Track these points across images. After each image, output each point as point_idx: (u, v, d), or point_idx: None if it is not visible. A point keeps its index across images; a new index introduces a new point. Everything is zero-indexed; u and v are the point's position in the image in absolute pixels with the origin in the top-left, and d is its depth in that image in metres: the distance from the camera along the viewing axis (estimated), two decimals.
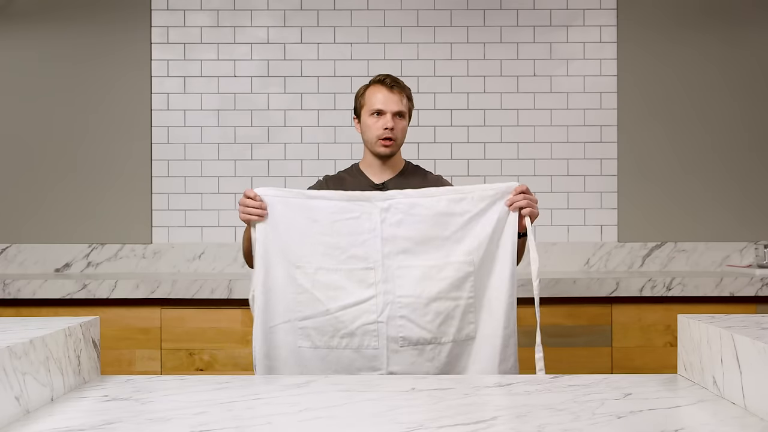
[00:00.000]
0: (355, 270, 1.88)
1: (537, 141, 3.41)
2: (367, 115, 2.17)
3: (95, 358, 1.47)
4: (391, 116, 2.15)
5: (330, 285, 1.88)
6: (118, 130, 3.39)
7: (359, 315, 1.87)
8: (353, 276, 1.88)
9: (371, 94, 2.18)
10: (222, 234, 3.38)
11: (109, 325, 2.79)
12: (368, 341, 1.86)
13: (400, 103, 2.16)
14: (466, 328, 1.89)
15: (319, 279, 1.88)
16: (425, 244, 1.89)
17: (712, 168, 3.43)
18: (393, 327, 1.86)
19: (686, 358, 1.41)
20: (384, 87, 2.17)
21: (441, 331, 1.87)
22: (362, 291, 1.87)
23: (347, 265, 1.88)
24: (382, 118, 2.15)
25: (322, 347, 1.88)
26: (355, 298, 1.87)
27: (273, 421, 1.13)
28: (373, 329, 1.86)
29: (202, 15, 3.41)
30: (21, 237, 3.37)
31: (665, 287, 2.85)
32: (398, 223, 1.89)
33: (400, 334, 1.87)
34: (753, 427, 1.10)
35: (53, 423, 1.13)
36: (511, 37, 3.42)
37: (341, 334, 1.87)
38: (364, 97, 2.20)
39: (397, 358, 1.87)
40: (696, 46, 3.43)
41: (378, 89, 2.18)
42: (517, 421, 1.13)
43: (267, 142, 3.40)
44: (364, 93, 2.21)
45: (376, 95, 2.17)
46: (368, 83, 2.24)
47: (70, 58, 3.39)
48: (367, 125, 2.18)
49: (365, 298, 1.87)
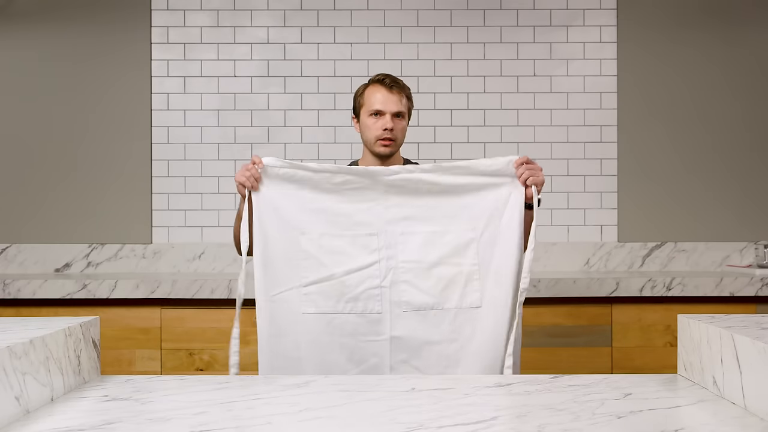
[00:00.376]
0: (359, 236, 1.91)
1: (537, 141, 3.41)
2: (366, 116, 2.17)
3: (95, 358, 1.47)
4: (390, 117, 2.14)
5: (335, 250, 1.90)
6: (118, 130, 3.39)
7: (363, 280, 1.89)
8: (357, 241, 1.91)
9: (370, 94, 2.18)
10: (222, 234, 3.38)
11: (109, 325, 2.79)
12: (372, 305, 1.89)
13: (399, 103, 2.15)
14: (470, 296, 1.90)
15: (324, 244, 1.90)
16: (428, 211, 1.93)
17: (713, 168, 3.43)
18: (396, 292, 1.90)
19: (686, 358, 1.41)
20: (383, 87, 2.16)
21: (444, 296, 1.90)
22: (366, 256, 1.90)
23: (351, 231, 1.91)
24: (381, 119, 2.15)
25: (328, 312, 1.89)
26: (359, 263, 1.89)
27: (273, 421, 1.13)
28: (376, 294, 1.89)
29: (202, 15, 3.41)
30: (21, 237, 3.37)
31: (665, 287, 2.85)
32: (401, 192, 1.92)
33: (403, 298, 1.89)
34: (753, 427, 1.10)
35: (53, 423, 1.13)
36: (511, 37, 3.42)
37: (346, 298, 1.89)
38: (363, 97, 2.20)
39: (400, 322, 1.89)
40: (696, 46, 3.43)
41: (377, 89, 2.17)
42: (517, 421, 1.13)
43: (267, 142, 3.40)
44: (363, 93, 2.21)
45: (375, 95, 2.17)
46: (367, 83, 2.23)
47: (70, 58, 3.39)
48: (366, 125, 2.18)
49: (369, 263, 1.90)
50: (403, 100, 2.18)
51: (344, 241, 1.91)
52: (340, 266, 1.90)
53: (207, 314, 2.84)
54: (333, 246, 1.91)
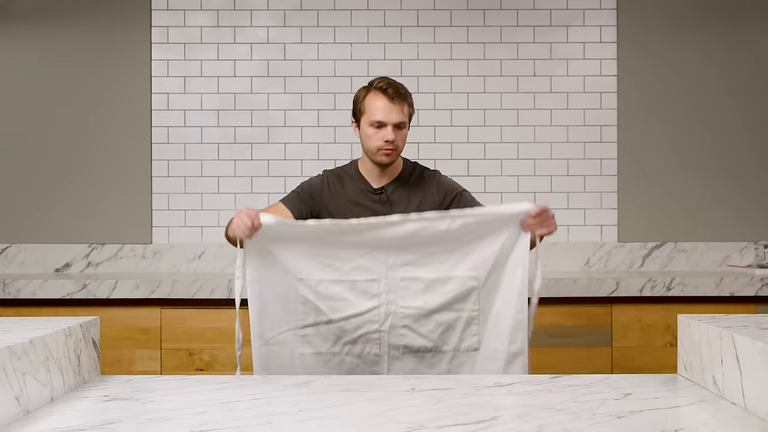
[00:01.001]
0: (359, 281, 1.88)
1: (537, 141, 3.41)
2: (367, 125, 2.10)
3: (95, 358, 1.47)
4: (392, 128, 2.07)
5: (333, 296, 1.88)
6: (118, 130, 3.39)
7: (362, 324, 1.88)
8: (356, 287, 1.88)
9: (371, 102, 2.08)
10: (222, 234, 3.37)
11: (109, 325, 2.79)
12: (370, 348, 1.88)
13: (401, 113, 2.08)
14: (468, 339, 1.89)
15: (322, 291, 1.88)
16: (430, 257, 1.89)
17: (712, 168, 3.43)
18: (395, 336, 1.88)
19: (686, 358, 1.41)
20: (385, 97, 2.07)
21: (442, 339, 1.89)
22: (365, 302, 1.88)
23: (350, 276, 1.88)
24: (382, 130, 2.07)
25: (325, 353, 1.89)
26: (358, 308, 1.88)
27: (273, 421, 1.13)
28: (375, 337, 1.88)
29: (202, 15, 3.41)
30: (21, 237, 3.37)
31: (665, 287, 2.85)
32: (404, 237, 1.87)
33: (401, 342, 1.89)
34: (753, 427, 1.10)
35: (53, 423, 1.13)
36: (511, 37, 3.42)
37: (343, 341, 1.89)
38: (364, 104, 2.10)
39: (398, 364, 1.90)
40: (696, 46, 3.43)
41: (378, 98, 2.08)
42: (517, 421, 1.13)
43: (267, 142, 3.40)
44: (364, 99, 2.11)
45: (376, 104, 2.07)
46: (368, 86, 2.13)
47: (70, 58, 3.39)
48: (366, 135, 2.10)
49: (368, 308, 1.88)
50: (405, 108, 2.10)
51: (343, 287, 1.88)
52: (338, 312, 1.88)
53: (207, 314, 2.84)
54: (331, 292, 1.88)
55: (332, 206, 2.15)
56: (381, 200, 2.14)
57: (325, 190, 2.17)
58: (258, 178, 3.39)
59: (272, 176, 3.38)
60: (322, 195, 2.16)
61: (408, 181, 2.18)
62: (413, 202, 2.14)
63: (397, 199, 2.14)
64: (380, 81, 2.11)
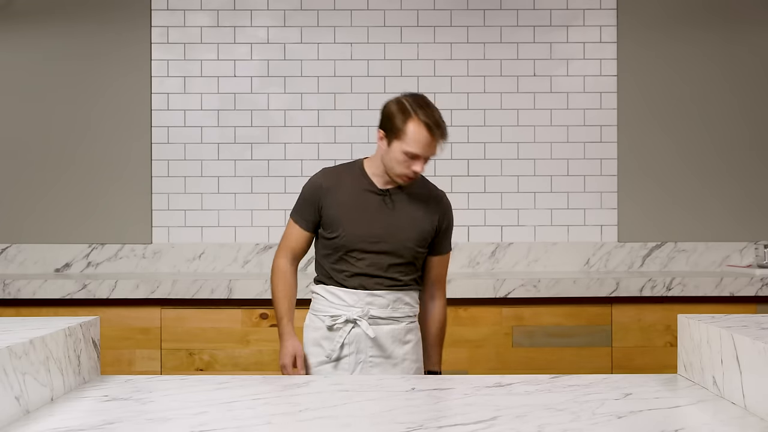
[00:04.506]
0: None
1: (537, 141, 3.41)
2: (400, 151, 2.03)
3: (95, 358, 1.47)
4: (422, 162, 2.05)
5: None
6: (118, 130, 3.39)
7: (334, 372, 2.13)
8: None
9: (414, 132, 2.01)
10: (222, 234, 3.38)
11: (109, 325, 2.79)
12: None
13: (436, 148, 2.06)
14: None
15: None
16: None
17: (712, 168, 3.42)
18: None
19: (686, 358, 1.41)
20: (430, 134, 2.01)
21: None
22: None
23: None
24: (415, 162, 2.03)
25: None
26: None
27: (273, 421, 1.13)
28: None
29: (202, 15, 3.41)
30: (21, 237, 3.37)
31: (665, 287, 2.85)
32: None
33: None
34: (753, 427, 1.10)
35: (53, 423, 1.13)
36: (511, 37, 3.42)
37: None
38: (405, 130, 2.02)
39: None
40: (696, 46, 3.43)
41: (423, 132, 2.01)
42: (517, 421, 1.13)
43: (267, 142, 3.40)
44: (405, 124, 2.02)
45: (418, 137, 2.01)
46: (412, 112, 2.03)
47: (70, 58, 3.39)
48: (395, 158, 2.05)
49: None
50: (441, 144, 2.07)
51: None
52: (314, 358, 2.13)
53: (207, 314, 2.84)
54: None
55: (330, 202, 2.13)
56: (384, 201, 2.12)
57: (324, 188, 2.15)
58: (258, 178, 3.39)
59: (272, 176, 3.38)
60: (321, 195, 2.14)
61: (414, 191, 2.16)
62: (416, 213, 2.13)
63: (401, 204, 2.13)
64: (426, 114, 2.03)
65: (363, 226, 2.09)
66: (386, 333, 2.10)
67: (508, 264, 3.37)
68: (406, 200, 2.14)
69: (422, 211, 2.14)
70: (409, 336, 2.14)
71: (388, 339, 2.10)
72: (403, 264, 2.11)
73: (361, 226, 2.09)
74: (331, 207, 2.12)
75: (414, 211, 2.13)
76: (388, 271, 2.09)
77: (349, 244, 2.08)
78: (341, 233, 2.09)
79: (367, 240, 2.08)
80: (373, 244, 2.08)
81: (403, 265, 2.11)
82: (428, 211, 2.15)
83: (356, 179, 2.16)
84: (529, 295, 2.87)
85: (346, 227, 2.09)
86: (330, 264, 2.13)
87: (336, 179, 2.16)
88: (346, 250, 2.09)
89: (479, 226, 3.38)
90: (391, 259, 2.09)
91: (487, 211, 3.38)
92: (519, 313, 2.88)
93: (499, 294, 2.87)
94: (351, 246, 2.09)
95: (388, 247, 2.09)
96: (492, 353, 2.86)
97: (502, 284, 2.87)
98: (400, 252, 2.10)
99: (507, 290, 2.87)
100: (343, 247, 2.09)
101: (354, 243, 2.08)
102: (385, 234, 2.09)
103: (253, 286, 2.85)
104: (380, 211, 2.11)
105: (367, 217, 2.10)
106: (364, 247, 2.08)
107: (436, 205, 2.17)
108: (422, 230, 2.12)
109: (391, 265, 2.10)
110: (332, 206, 2.12)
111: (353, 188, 2.14)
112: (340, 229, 2.09)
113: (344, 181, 2.16)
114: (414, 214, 2.13)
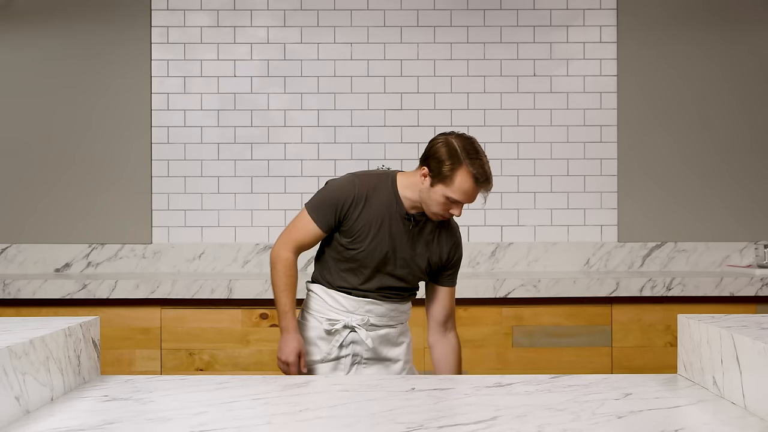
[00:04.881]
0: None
1: (537, 141, 3.41)
2: (443, 194, 2.00)
3: (95, 358, 1.47)
4: (461, 208, 2.04)
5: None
6: (118, 130, 3.39)
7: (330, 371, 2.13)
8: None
9: (461, 183, 1.98)
10: (222, 234, 3.38)
11: (109, 325, 2.79)
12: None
13: (476, 198, 2.04)
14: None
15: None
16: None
17: (713, 168, 3.42)
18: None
19: (686, 358, 1.41)
20: (476, 186, 1.99)
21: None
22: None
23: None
24: (455, 207, 2.02)
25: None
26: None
27: (273, 421, 1.13)
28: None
29: (202, 15, 3.41)
30: (21, 237, 3.37)
31: (665, 287, 2.85)
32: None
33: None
34: (753, 427, 1.10)
35: (53, 423, 1.13)
36: (511, 37, 3.42)
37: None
38: (453, 176, 1.97)
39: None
40: (696, 46, 3.43)
41: (470, 184, 1.98)
42: (517, 421, 1.13)
43: (267, 142, 3.40)
44: (456, 170, 1.97)
45: (465, 187, 1.98)
46: (463, 156, 1.98)
47: (71, 58, 3.39)
48: (436, 200, 2.01)
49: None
50: (485, 194, 2.06)
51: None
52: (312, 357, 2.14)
53: (207, 314, 2.84)
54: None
55: (358, 214, 2.06)
56: (409, 227, 2.09)
57: (355, 202, 2.07)
58: (258, 178, 3.39)
59: (272, 176, 3.38)
60: (350, 202, 2.06)
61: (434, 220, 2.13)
62: (432, 242, 2.13)
63: (423, 233, 2.12)
64: (476, 166, 1.99)
65: (384, 248, 2.07)
66: (381, 336, 2.13)
67: (508, 264, 3.37)
68: (426, 228, 2.13)
69: (437, 242, 2.14)
70: (401, 338, 2.18)
71: (383, 342, 2.14)
72: (408, 288, 2.16)
73: (382, 247, 2.06)
74: (359, 219, 2.06)
75: (430, 241, 2.12)
76: (393, 288, 2.13)
77: (366, 261, 2.07)
78: (362, 249, 2.06)
79: (383, 261, 2.08)
80: (388, 266, 2.09)
81: (407, 288, 2.16)
82: (442, 242, 2.14)
83: (388, 196, 2.09)
84: (529, 295, 2.87)
85: (368, 245, 2.06)
86: (339, 270, 2.11)
87: (369, 190, 2.08)
88: (361, 264, 2.08)
89: (479, 226, 3.38)
90: (399, 282, 2.12)
91: (487, 211, 3.38)
92: (519, 313, 2.88)
93: (499, 294, 2.87)
94: (367, 263, 2.08)
95: (401, 272, 2.10)
96: (492, 353, 2.86)
97: (502, 284, 2.87)
98: (407, 278, 2.12)
99: (507, 290, 2.87)
100: (358, 261, 2.08)
101: (371, 261, 2.07)
102: (400, 260, 2.09)
103: (253, 286, 2.85)
104: (403, 236, 2.09)
105: (389, 239, 2.07)
106: (379, 267, 2.08)
107: (451, 237, 2.16)
108: (434, 261, 2.13)
109: (398, 286, 2.13)
110: (360, 219, 2.06)
111: (382, 205, 2.07)
112: (362, 244, 2.06)
113: (376, 194, 2.08)
114: (430, 243, 2.12)
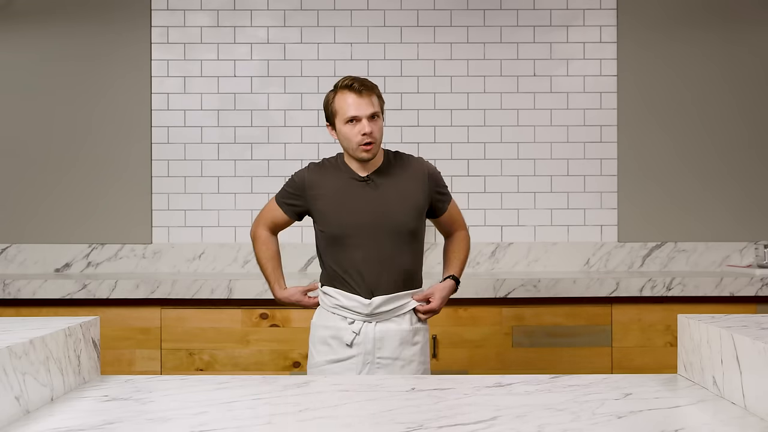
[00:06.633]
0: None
1: (537, 141, 3.41)
2: (342, 124, 2.12)
3: (95, 358, 1.47)
4: (366, 121, 2.10)
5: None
6: (118, 130, 3.39)
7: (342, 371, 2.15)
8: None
9: (341, 102, 2.11)
10: (222, 234, 3.38)
11: (109, 325, 2.79)
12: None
13: (371, 105, 2.11)
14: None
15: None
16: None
17: (712, 168, 3.42)
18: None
19: (686, 358, 1.41)
20: (353, 92, 2.10)
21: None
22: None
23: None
24: (358, 125, 2.10)
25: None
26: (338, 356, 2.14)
27: (273, 421, 1.13)
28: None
29: (202, 15, 3.41)
30: (21, 237, 3.37)
31: (665, 287, 2.85)
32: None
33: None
34: (753, 427, 1.10)
35: (53, 423, 1.13)
36: (511, 37, 3.42)
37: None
38: (335, 105, 2.13)
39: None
40: (696, 46, 3.43)
41: (347, 95, 2.11)
42: (517, 421, 1.13)
43: (267, 142, 3.40)
44: (333, 100, 2.14)
45: (346, 101, 2.10)
46: (334, 89, 2.16)
47: (70, 58, 3.39)
48: (344, 134, 2.13)
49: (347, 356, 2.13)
50: (374, 99, 2.13)
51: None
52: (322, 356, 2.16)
53: (207, 314, 2.84)
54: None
55: (318, 195, 2.17)
56: (369, 186, 2.16)
57: (311, 182, 2.19)
58: (258, 178, 3.39)
59: (272, 176, 3.38)
60: (306, 188, 2.19)
61: (392, 168, 2.19)
62: (404, 189, 2.16)
63: (386, 185, 2.16)
64: (344, 79, 2.15)
65: (352, 215, 2.11)
66: (394, 334, 2.11)
67: (508, 264, 3.37)
68: (390, 180, 2.16)
69: (410, 185, 2.17)
70: (417, 338, 2.15)
71: (396, 340, 2.11)
72: (405, 243, 2.14)
73: (349, 215, 2.11)
74: (319, 199, 2.16)
75: (402, 188, 2.16)
76: (390, 261, 2.11)
77: (340, 232, 2.11)
78: (331, 222, 2.13)
79: (357, 227, 2.10)
80: (364, 231, 2.10)
81: (405, 245, 2.14)
82: (415, 182, 2.18)
83: (340, 171, 2.19)
84: (529, 295, 2.87)
85: (335, 217, 2.13)
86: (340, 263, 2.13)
87: (321, 173, 2.21)
88: (340, 239, 2.12)
89: (479, 226, 3.38)
90: (390, 242, 2.11)
91: (487, 211, 3.38)
92: (519, 313, 2.88)
93: (499, 294, 2.87)
94: (342, 234, 2.11)
95: (383, 230, 2.11)
96: (492, 353, 2.86)
97: (502, 284, 2.87)
98: (397, 229, 2.12)
99: (507, 290, 2.87)
100: (335, 237, 2.12)
101: (344, 230, 2.11)
102: (374, 219, 2.11)
103: (253, 286, 2.85)
104: (364, 197, 2.14)
105: (353, 204, 2.12)
106: (357, 235, 2.10)
107: (421, 174, 2.20)
108: (415, 203, 2.15)
109: (392, 253, 2.11)
110: (319, 198, 2.16)
111: (337, 179, 2.17)
112: (329, 218, 2.13)
113: (327, 172, 2.20)
114: (402, 190, 2.16)
